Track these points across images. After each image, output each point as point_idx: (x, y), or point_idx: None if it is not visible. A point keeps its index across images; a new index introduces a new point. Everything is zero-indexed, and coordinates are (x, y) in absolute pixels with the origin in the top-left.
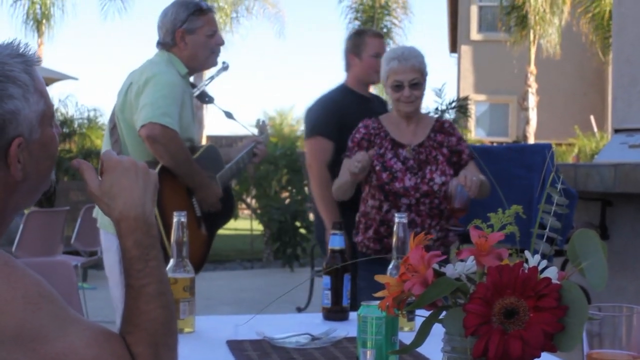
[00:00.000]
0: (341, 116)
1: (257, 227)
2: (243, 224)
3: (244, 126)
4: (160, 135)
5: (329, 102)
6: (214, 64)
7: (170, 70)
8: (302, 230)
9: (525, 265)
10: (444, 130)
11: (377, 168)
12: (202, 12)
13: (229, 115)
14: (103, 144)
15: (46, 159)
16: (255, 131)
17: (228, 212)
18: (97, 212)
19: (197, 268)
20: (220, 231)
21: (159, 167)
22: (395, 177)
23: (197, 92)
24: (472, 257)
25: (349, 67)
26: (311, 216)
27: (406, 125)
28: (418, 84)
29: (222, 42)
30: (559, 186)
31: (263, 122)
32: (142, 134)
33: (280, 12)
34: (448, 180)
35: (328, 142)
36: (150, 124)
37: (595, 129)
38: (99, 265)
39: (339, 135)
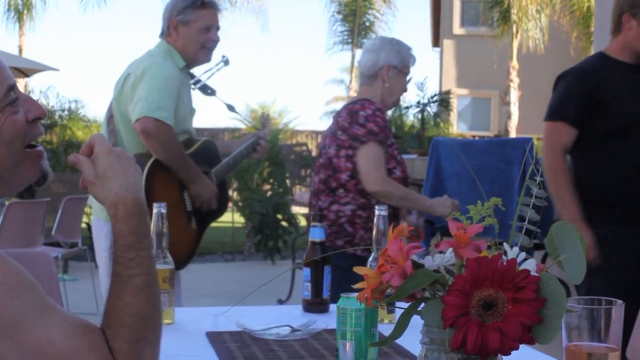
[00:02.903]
0: (598, 92)
1: (239, 219)
2: (224, 216)
3: (244, 120)
4: (154, 130)
5: (583, 75)
6: (207, 60)
7: (167, 62)
8: (284, 223)
9: (503, 257)
10: None
11: (399, 159)
12: (202, 6)
13: (231, 108)
14: (101, 131)
15: None
16: (249, 125)
17: (221, 207)
18: (90, 200)
19: (185, 262)
20: None
21: (151, 160)
22: (406, 170)
23: (197, 85)
24: (450, 249)
25: (617, 30)
26: (293, 209)
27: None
28: None
29: (216, 39)
30: (538, 179)
31: (267, 116)
32: (136, 128)
33: (264, 5)
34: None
35: (569, 128)
36: (144, 118)
37: None
38: (80, 257)
39: (591, 117)
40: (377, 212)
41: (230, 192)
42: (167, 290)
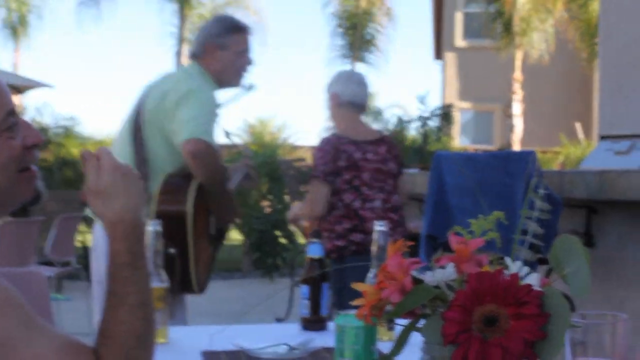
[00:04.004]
0: None
1: (237, 236)
2: None
3: (238, 144)
4: (203, 151)
5: None
6: (239, 83)
7: (209, 85)
8: (283, 240)
9: (505, 272)
10: None
11: None
12: (238, 30)
13: (227, 134)
14: (115, 145)
15: None
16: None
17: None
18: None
19: (205, 286)
20: None
21: (194, 182)
22: None
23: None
24: (451, 264)
25: None
26: (292, 226)
27: None
28: None
29: (250, 62)
30: (541, 192)
31: (247, 148)
32: (185, 148)
33: (262, 20)
34: None
35: None
36: (195, 140)
37: (581, 136)
38: (73, 276)
39: None
40: (376, 228)
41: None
42: (161, 308)
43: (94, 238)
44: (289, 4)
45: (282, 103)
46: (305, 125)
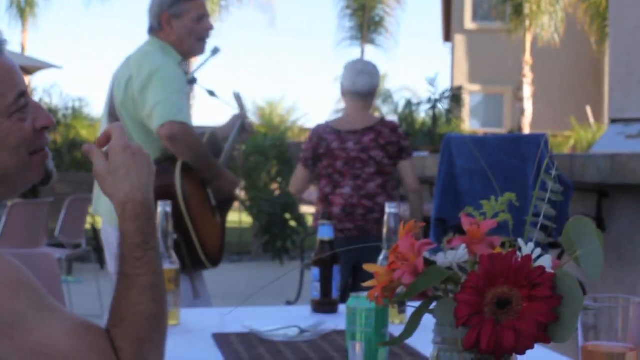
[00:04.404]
0: None
1: (246, 219)
2: (231, 216)
3: (227, 103)
4: (181, 133)
5: None
6: (202, 51)
7: (169, 61)
8: (292, 223)
9: (518, 253)
10: None
11: None
12: None
13: (211, 93)
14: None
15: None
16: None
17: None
18: (99, 209)
19: (220, 257)
20: None
21: (179, 164)
22: None
23: (189, 77)
24: (463, 246)
25: None
26: (301, 208)
27: None
28: None
29: (210, 27)
30: (554, 172)
31: (238, 94)
32: (161, 133)
33: (270, 1)
34: None
35: None
36: (169, 123)
37: (592, 120)
38: (84, 258)
39: None
40: (387, 210)
41: (237, 191)
42: (172, 290)
43: (104, 238)
44: None
45: (291, 85)
46: (315, 107)
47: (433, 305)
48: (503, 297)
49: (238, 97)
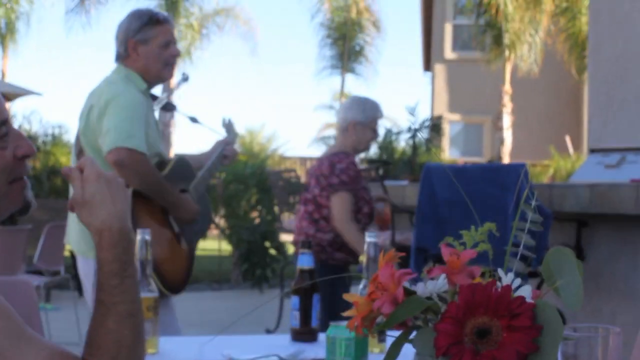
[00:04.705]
0: None
1: (226, 247)
2: (211, 244)
3: (210, 129)
4: (127, 160)
5: None
6: (169, 76)
7: (130, 88)
8: (272, 251)
9: (498, 283)
10: None
11: (367, 199)
12: (157, 23)
13: (193, 119)
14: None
15: None
16: (223, 133)
17: (206, 220)
18: (69, 239)
19: (184, 284)
20: None
21: (130, 189)
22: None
23: (159, 104)
24: (443, 276)
25: None
26: (281, 236)
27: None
28: None
29: (177, 54)
30: (533, 203)
31: (229, 120)
32: (109, 160)
33: (252, 29)
34: None
35: None
36: (116, 150)
37: (571, 150)
38: (62, 286)
39: None
40: (367, 239)
41: (217, 219)
42: (151, 318)
43: (80, 273)
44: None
45: (272, 113)
46: (295, 136)
47: (413, 335)
48: (483, 327)
49: (228, 125)
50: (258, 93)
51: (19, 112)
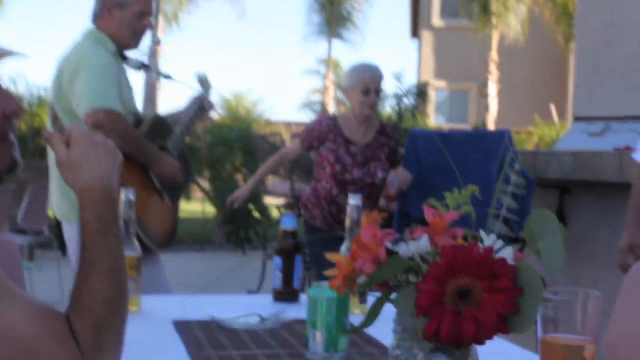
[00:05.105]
0: None
1: (210, 210)
2: (195, 207)
3: (185, 85)
4: (107, 120)
5: None
6: (136, 46)
7: (99, 50)
8: (256, 214)
9: (480, 245)
10: (387, 133)
11: (331, 160)
12: None
13: (167, 76)
14: None
15: None
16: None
17: (187, 177)
18: (52, 204)
19: (171, 238)
20: None
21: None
22: (346, 169)
23: (131, 65)
24: (426, 237)
25: None
26: (266, 199)
27: (358, 126)
28: (379, 92)
29: (150, 26)
30: (517, 166)
31: (204, 75)
32: (87, 122)
33: None
34: (386, 175)
35: None
36: (93, 112)
37: (556, 118)
38: (46, 246)
39: None
40: (350, 202)
41: (202, 182)
42: (133, 277)
43: (65, 237)
44: None
45: (259, 78)
46: (281, 101)
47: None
48: (464, 288)
49: (203, 79)
50: (245, 57)
51: (5, 74)
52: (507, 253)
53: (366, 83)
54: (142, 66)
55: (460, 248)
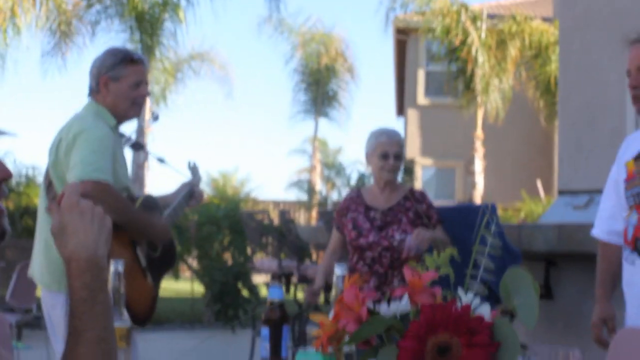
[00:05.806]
0: None
1: (198, 289)
2: (184, 285)
3: (177, 171)
4: (93, 191)
5: None
6: (137, 115)
7: (98, 123)
8: (245, 292)
9: (458, 303)
10: (414, 198)
11: (349, 228)
12: (131, 62)
13: (161, 160)
14: (39, 201)
15: None
16: (189, 175)
17: (171, 259)
18: (33, 271)
19: (148, 318)
20: (161, 293)
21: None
22: (361, 234)
23: (127, 142)
24: (406, 296)
25: None
26: (254, 278)
27: (380, 192)
28: (399, 156)
29: (146, 94)
30: (492, 227)
31: (194, 164)
32: None
33: (228, 74)
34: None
35: None
36: (82, 183)
37: (542, 194)
38: (34, 325)
39: None
40: (336, 272)
41: (190, 261)
42: (124, 348)
43: (42, 305)
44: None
45: (246, 157)
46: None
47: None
48: (443, 345)
49: (194, 168)
50: (232, 136)
51: None
52: (484, 310)
53: (383, 147)
54: (137, 145)
55: (439, 306)
